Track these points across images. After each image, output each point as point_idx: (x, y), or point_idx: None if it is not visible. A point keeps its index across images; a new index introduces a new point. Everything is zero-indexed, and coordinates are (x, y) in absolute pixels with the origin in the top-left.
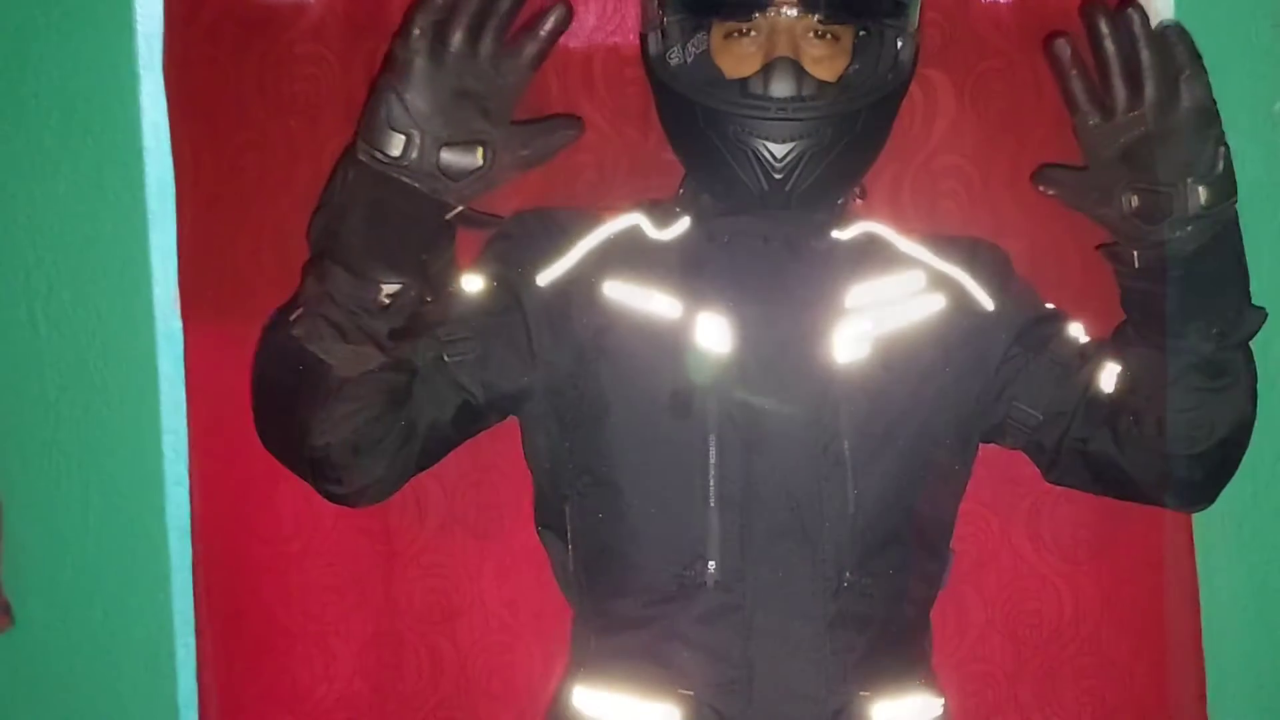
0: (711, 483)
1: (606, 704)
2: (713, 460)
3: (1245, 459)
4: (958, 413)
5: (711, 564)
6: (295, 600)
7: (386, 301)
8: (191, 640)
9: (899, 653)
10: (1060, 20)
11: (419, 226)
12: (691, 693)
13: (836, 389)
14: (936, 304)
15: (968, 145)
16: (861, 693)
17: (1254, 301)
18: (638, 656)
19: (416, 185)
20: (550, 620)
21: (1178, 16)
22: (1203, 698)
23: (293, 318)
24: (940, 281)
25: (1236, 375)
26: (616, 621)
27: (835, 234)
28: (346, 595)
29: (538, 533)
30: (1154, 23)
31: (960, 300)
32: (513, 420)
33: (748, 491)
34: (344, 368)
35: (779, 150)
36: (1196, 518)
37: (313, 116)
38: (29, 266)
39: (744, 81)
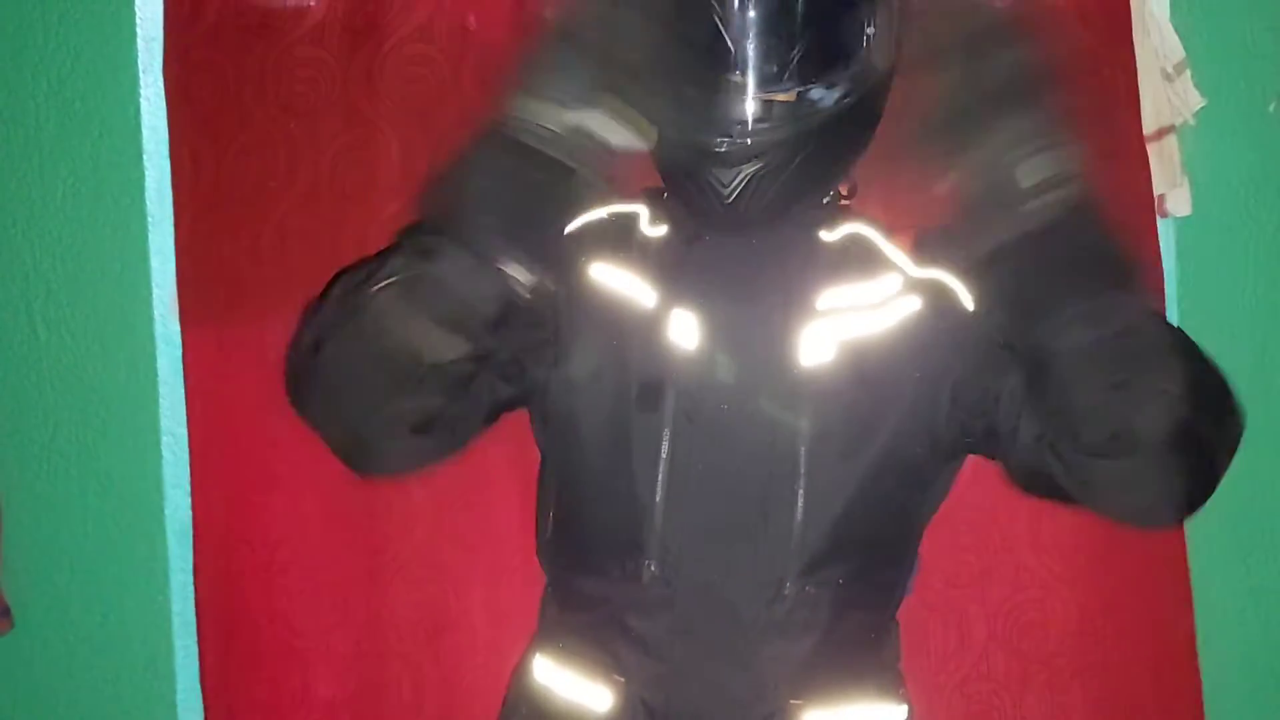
0: (660, 476)
1: (557, 677)
2: (664, 455)
3: (1240, 459)
4: (930, 418)
5: (651, 558)
6: (279, 612)
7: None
8: (189, 642)
9: (845, 662)
10: (1055, 20)
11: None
12: (623, 680)
13: (800, 392)
14: (911, 306)
15: None
16: (793, 700)
17: (1251, 302)
18: (584, 636)
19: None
20: None
21: (1173, 19)
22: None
23: (376, 288)
24: (917, 285)
25: (1140, 371)
26: (575, 598)
27: (822, 234)
28: (329, 614)
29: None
30: (1151, 24)
31: (939, 302)
32: (501, 426)
33: (695, 490)
34: (432, 353)
35: (725, 176)
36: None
37: (312, 119)
38: (27, 270)
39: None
